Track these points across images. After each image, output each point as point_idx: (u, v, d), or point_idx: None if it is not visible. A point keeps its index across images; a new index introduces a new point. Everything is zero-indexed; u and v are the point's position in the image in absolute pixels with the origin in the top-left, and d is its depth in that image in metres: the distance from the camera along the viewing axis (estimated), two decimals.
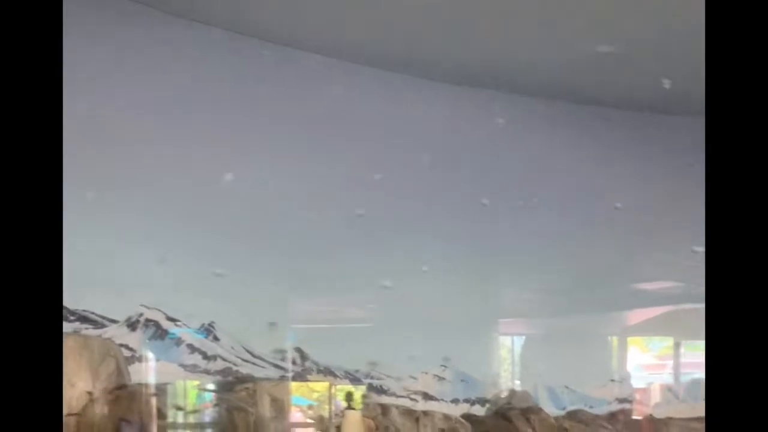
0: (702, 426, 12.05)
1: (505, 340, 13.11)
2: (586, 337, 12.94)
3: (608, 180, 12.86)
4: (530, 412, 12.10)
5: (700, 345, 14.23)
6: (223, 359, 9.89)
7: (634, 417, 12.47)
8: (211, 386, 9.72)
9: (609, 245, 12.59)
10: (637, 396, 12.79)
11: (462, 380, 12.07)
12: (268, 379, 10.21)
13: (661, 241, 12.90)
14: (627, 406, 12.53)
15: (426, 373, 11.94)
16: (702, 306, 12.47)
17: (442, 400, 11.92)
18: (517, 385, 12.59)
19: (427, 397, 11.84)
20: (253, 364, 10.17)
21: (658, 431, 12.19)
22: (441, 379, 11.99)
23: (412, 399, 11.67)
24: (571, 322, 12.75)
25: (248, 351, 10.13)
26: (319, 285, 11.04)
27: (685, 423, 12.50)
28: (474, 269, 11.98)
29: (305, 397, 10.60)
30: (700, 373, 13.60)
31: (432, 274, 11.63)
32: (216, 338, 9.90)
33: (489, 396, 12.17)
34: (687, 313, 13.17)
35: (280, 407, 10.02)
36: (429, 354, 11.81)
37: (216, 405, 9.69)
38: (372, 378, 11.48)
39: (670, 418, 12.48)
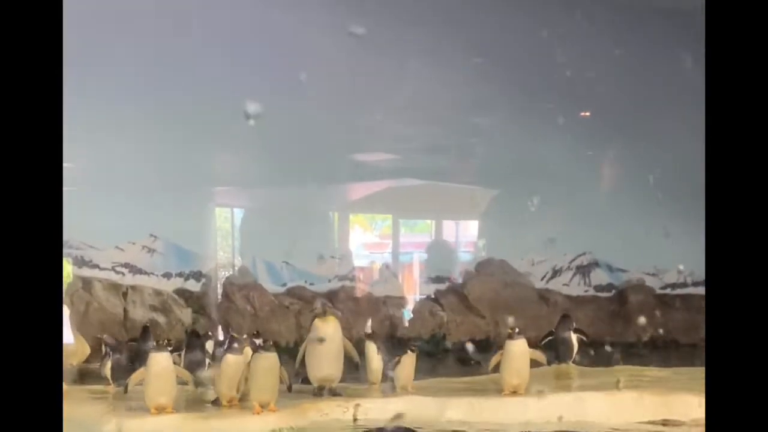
0: (419, 305, 11.93)
1: (223, 212, 12.10)
2: (307, 211, 12.25)
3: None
4: (249, 288, 11.29)
5: (419, 225, 14.19)
6: None
7: (355, 295, 12.11)
8: None
9: (324, 115, 11.76)
10: (360, 275, 12.43)
11: (175, 253, 10.93)
12: None
13: (375, 106, 12.26)
14: (348, 283, 12.13)
15: (134, 243, 10.64)
16: (421, 182, 12.17)
17: (153, 273, 10.73)
18: (236, 259, 11.69)
19: (135, 270, 10.58)
20: None
21: (377, 309, 11.93)
22: (151, 250, 10.76)
23: (117, 272, 10.36)
24: (292, 194, 11.97)
25: None
26: None
27: (400, 301, 12.38)
28: (177, 132, 10.69)
29: None
30: (419, 252, 13.56)
31: (136, 132, 10.20)
32: None
33: (205, 270, 11.15)
34: (406, 189, 12.92)
35: None
36: (136, 222, 10.49)
37: None
38: (70, 247, 9.98)
39: (388, 297, 12.28)
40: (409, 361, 7.03)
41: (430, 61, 12.04)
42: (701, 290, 13.01)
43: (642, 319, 12.04)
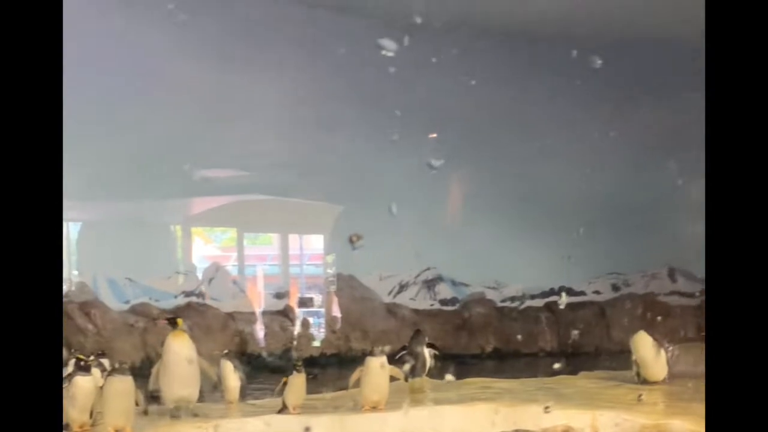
0: (269, 320, 11.82)
1: None
2: (148, 225, 11.89)
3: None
4: (90, 306, 10.80)
5: (261, 237, 14.09)
6: None
7: (201, 310, 11.83)
8: None
9: (172, 126, 11.49)
10: (203, 289, 12.16)
11: None
12: None
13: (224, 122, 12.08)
14: (194, 299, 11.83)
15: None
16: (268, 197, 12.13)
17: None
18: (74, 276, 11.16)
19: None
20: None
21: (226, 325, 11.70)
22: None
23: None
24: (131, 208, 11.60)
25: None
26: None
27: (249, 317, 12.22)
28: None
29: None
30: (263, 265, 13.45)
31: None
32: None
33: None
34: (252, 204, 12.82)
35: None
36: None
37: None
38: None
39: (238, 312, 12.07)
40: (298, 381, 6.90)
41: (278, 78, 12.05)
42: (538, 302, 13.64)
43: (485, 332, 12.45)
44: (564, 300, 13.37)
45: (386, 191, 12.63)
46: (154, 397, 6.92)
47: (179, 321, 7.08)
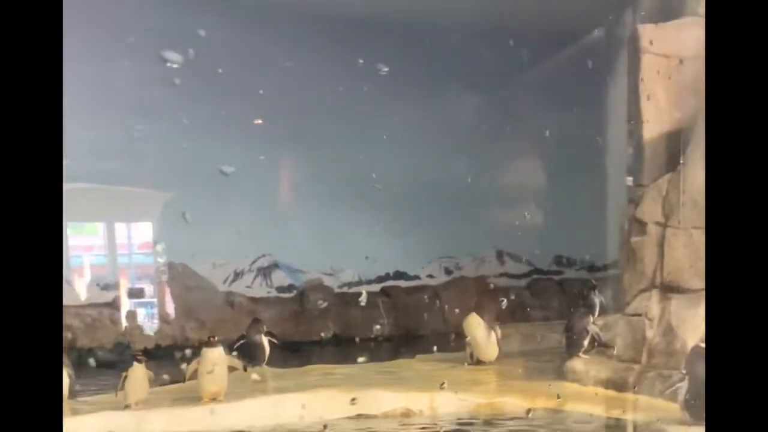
0: (98, 313, 11.36)
1: None
2: None
3: None
4: None
5: (87, 227, 13.49)
6: None
7: None
8: None
9: None
10: None
11: None
12: None
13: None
14: None
15: None
16: (91, 185, 11.58)
17: None
18: None
19: None
20: None
21: None
22: None
23: None
24: None
25: None
26: None
27: (76, 310, 11.68)
28: None
29: None
30: (90, 256, 12.89)
31: None
32: None
33: None
34: (74, 192, 12.24)
35: None
36: None
37: None
38: None
39: (64, 305, 11.46)
40: (138, 374, 6.60)
41: (99, 64, 11.56)
42: (375, 287, 13.79)
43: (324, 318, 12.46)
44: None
45: (214, 177, 12.34)
46: None
47: None
